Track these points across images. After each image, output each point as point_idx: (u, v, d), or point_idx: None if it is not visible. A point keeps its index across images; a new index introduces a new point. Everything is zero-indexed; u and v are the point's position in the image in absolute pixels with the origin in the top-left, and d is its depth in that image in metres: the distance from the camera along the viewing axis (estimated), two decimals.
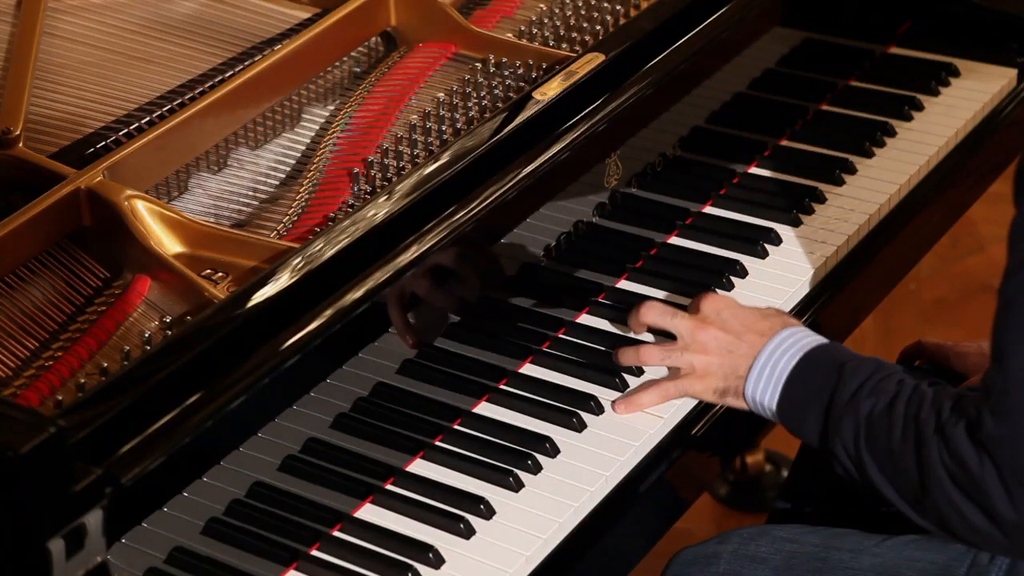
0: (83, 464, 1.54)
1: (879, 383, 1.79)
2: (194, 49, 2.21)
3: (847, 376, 1.81)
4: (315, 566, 1.76)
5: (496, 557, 1.77)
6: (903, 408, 1.75)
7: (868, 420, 1.77)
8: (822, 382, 1.83)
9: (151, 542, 1.66)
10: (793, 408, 1.85)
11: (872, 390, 1.79)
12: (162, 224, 1.90)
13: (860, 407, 1.78)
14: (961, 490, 1.69)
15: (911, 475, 1.73)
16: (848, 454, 1.79)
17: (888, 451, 1.75)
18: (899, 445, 1.74)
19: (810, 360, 1.86)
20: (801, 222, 2.24)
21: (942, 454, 1.69)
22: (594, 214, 2.15)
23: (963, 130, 2.42)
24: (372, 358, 1.87)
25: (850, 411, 1.79)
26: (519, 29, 2.29)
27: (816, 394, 1.83)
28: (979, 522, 1.69)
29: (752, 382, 1.88)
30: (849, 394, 1.79)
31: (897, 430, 1.74)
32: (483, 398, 1.96)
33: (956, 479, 1.69)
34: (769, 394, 1.87)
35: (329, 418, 1.85)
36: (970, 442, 1.67)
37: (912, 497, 1.75)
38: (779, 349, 1.87)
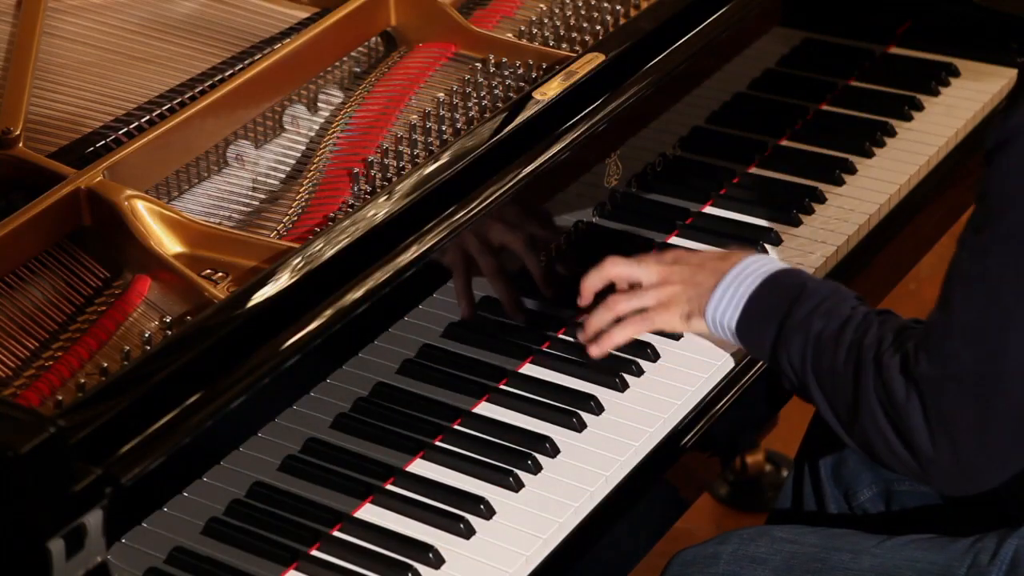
0: (83, 464, 1.54)
1: (834, 305, 1.86)
2: (194, 49, 2.21)
3: (805, 296, 1.87)
4: (315, 566, 1.76)
5: (496, 557, 1.77)
6: (851, 333, 1.81)
7: (817, 339, 1.84)
8: (780, 300, 1.89)
9: (151, 542, 1.66)
10: (750, 324, 1.91)
11: (826, 311, 1.85)
12: (162, 224, 1.90)
13: (812, 326, 1.85)
14: (888, 418, 1.76)
15: (846, 396, 1.80)
16: (794, 369, 1.86)
17: (830, 371, 1.82)
18: (841, 366, 1.81)
19: (772, 281, 1.91)
20: (801, 222, 2.24)
21: (875, 381, 1.76)
22: (594, 214, 2.15)
23: (963, 130, 2.42)
24: (372, 358, 1.87)
25: (802, 328, 1.85)
26: (519, 29, 2.29)
27: (773, 310, 1.89)
28: (900, 451, 1.77)
29: (714, 303, 1.93)
30: (804, 313, 1.86)
31: (841, 352, 1.81)
32: (483, 398, 1.96)
33: (885, 407, 1.76)
34: (730, 313, 1.92)
35: (329, 418, 1.85)
36: (901, 375, 1.74)
37: (845, 417, 1.82)
38: (743, 272, 1.93)
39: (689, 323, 1.97)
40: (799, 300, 1.87)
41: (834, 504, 2.14)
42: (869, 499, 2.11)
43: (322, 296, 1.77)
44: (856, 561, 1.88)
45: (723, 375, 2.01)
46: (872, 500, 2.11)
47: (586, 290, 2.01)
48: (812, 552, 1.91)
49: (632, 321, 1.98)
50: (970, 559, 1.84)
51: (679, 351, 2.02)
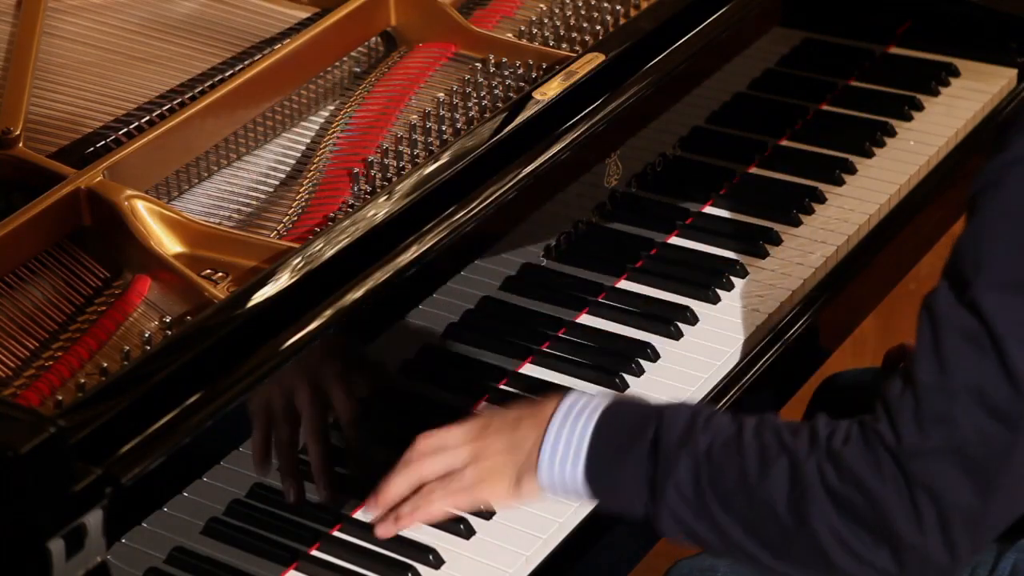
0: (83, 464, 1.53)
1: (709, 419, 1.62)
2: (194, 49, 2.21)
3: (669, 417, 1.63)
4: (315, 566, 1.76)
5: (496, 557, 1.77)
6: (753, 438, 1.59)
7: (708, 456, 1.59)
8: (638, 429, 1.63)
9: (151, 542, 1.66)
10: (606, 466, 1.64)
11: (704, 427, 1.61)
12: (162, 224, 1.89)
13: (697, 443, 1.60)
14: (849, 515, 1.54)
15: (775, 508, 1.56)
16: (685, 498, 1.59)
17: (740, 487, 1.57)
18: (757, 478, 1.57)
19: (614, 413, 1.66)
20: (801, 222, 2.24)
21: (827, 477, 1.54)
22: (594, 214, 2.15)
23: (963, 130, 2.42)
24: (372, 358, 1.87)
25: (684, 450, 1.59)
26: (519, 29, 2.29)
27: (634, 443, 1.62)
28: (869, 552, 1.54)
29: (546, 459, 1.66)
30: (679, 432, 1.61)
31: (751, 461, 1.57)
32: (483, 398, 1.96)
33: (844, 503, 1.54)
34: (571, 462, 1.65)
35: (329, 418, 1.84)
36: (870, 457, 1.53)
37: (775, 535, 1.57)
38: (571, 413, 1.67)
39: (519, 489, 1.69)
40: (665, 422, 1.62)
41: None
42: None
43: (322, 296, 1.77)
44: None
45: (724, 375, 2.01)
46: None
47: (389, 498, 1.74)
48: None
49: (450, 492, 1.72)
50: (967, 573, 1.83)
51: (679, 351, 2.03)
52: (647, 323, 2.06)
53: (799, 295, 2.14)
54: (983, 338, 1.51)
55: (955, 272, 1.55)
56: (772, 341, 2.07)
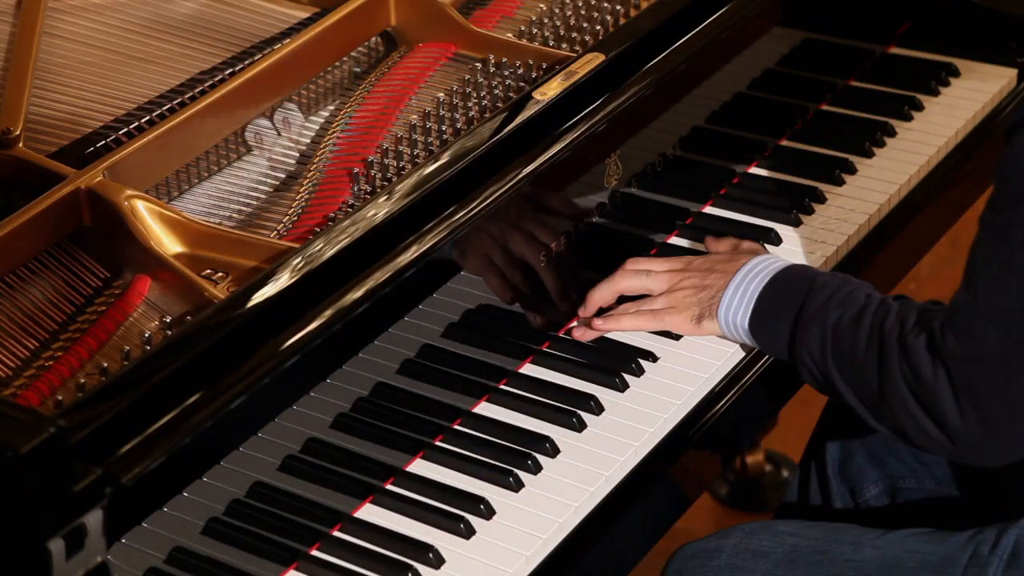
0: (83, 464, 1.54)
1: (848, 295, 1.88)
2: (194, 49, 2.21)
3: (817, 288, 1.90)
4: (315, 566, 1.76)
5: (496, 557, 1.77)
6: (869, 319, 1.84)
7: (835, 328, 1.86)
8: (792, 295, 1.91)
9: (151, 542, 1.66)
10: (764, 321, 1.93)
11: (840, 301, 1.87)
12: (162, 224, 1.90)
13: (828, 316, 1.87)
14: (915, 397, 1.78)
15: (871, 381, 1.82)
16: (814, 360, 1.88)
17: (852, 358, 1.84)
18: (862, 353, 1.83)
19: (780, 278, 1.94)
20: (801, 222, 2.24)
21: (901, 362, 1.79)
22: (594, 214, 2.15)
23: (963, 130, 2.42)
24: (372, 358, 1.87)
25: (818, 320, 1.87)
26: (519, 29, 2.29)
27: (786, 305, 1.91)
28: (930, 428, 1.79)
29: (725, 304, 1.96)
30: (819, 304, 1.88)
31: (862, 339, 1.83)
32: (483, 398, 1.97)
33: (912, 386, 1.78)
34: (742, 312, 1.95)
35: (329, 418, 1.84)
36: (928, 353, 1.77)
37: (871, 402, 1.84)
38: (751, 272, 1.96)
39: (700, 326, 1.99)
40: (811, 293, 1.90)
41: (840, 501, 2.14)
42: (875, 496, 2.12)
43: (322, 296, 1.77)
44: (857, 552, 1.88)
45: (723, 375, 2.01)
46: (877, 497, 2.12)
47: (592, 302, 2.04)
48: (814, 544, 1.91)
49: (642, 313, 2.01)
50: (971, 550, 1.84)
51: (679, 351, 2.03)
52: None
53: None
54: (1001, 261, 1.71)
55: (990, 199, 1.74)
56: None
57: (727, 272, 1.98)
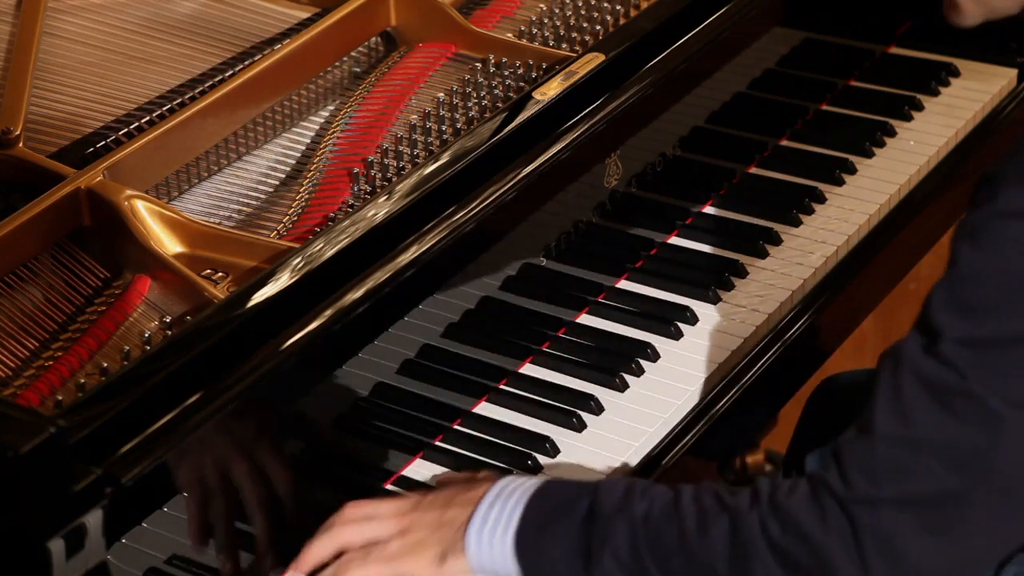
0: (83, 464, 1.53)
1: (646, 489, 1.61)
2: (194, 49, 2.21)
3: (605, 489, 1.62)
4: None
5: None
6: (691, 502, 1.58)
7: (646, 522, 1.58)
8: (572, 501, 1.62)
9: (151, 542, 1.66)
10: (537, 538, 1.61)
11: (643, 495, 1.60)
12: (162, 224, 1.90)
13: (633, 510, 1.59)
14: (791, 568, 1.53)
15: (715, 567, 1.55)
16: (622, 564, 1.58)
17: (680, 548, 1.56)
18: (695, 539, 1.56)
19: (548, 488, 1.65)
20: (801, 222, 2.24)
21: (769, 531, 1.53)
22: (594, 214, 2.15)
23: (963, 130, 2.42)
24: (372, 358, 1.87)
25: (621, 517, 1.59)
26: (519, 29, 2.29)
27: (567, 512, 1.61)
28: None
29: (475, 532, 1.63)
30: (616, 501, 1.60)
31: (690, 522, 1.56)
32: (483, 398, 1.96)
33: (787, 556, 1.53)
34: (499, 535, 1.62)
35: (329, 418, 1.84)
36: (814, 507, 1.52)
37: None
38: (504, 491, 1.66)
39: (444, 566, 1.64)
40: (600, 493, 1.61)
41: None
42: None
43: (322, 296, 1.77)
44: None
45: (724, 375, 2.01)
46: None
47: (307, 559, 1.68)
48: None
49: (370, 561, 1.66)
50: None
51: (679, 351, 2.03)
52: (647, 323, 2.06)
53: (799, 295, 2.14)
54: (954, 391, 1.50)
55: (926, 323, 1.54)
56: (772, 341, 2.07)
57: (469, 501, 1.65)
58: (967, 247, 1.53)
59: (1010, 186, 1.51)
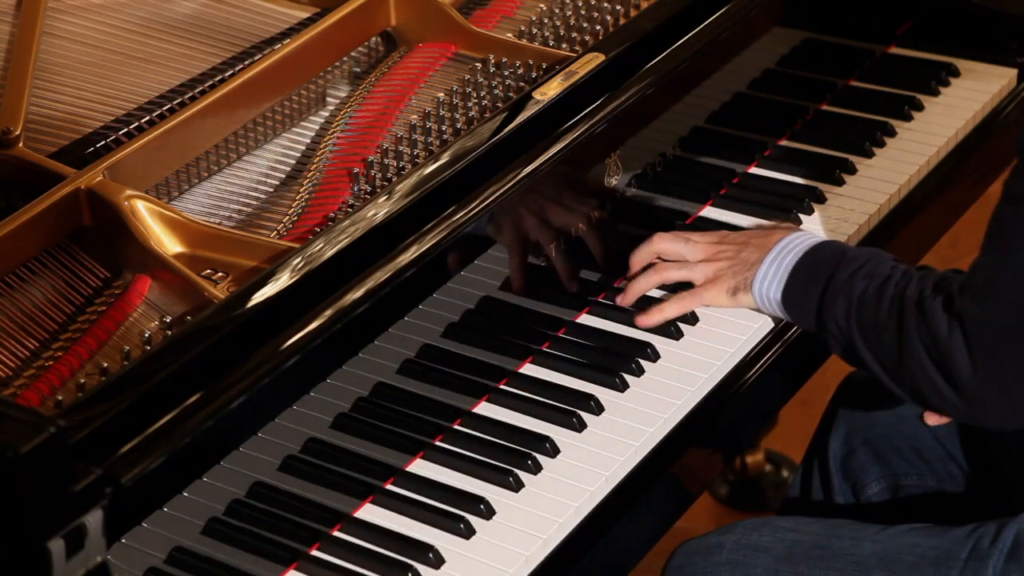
0: (83, 464, 1.54)
1: (874, 267, 1.92)
2: (194, 49, 2.21)
3: (846, 261, 1.94)
4: (315, 566, 1.76)
5: (496, 557, 1.77)
6: (892, 288, 1.88)
7: (860, 298, 1.90)
8: (822, 268, 1.95)
9: (151, 542, 1.66)
10: (794, 293, 1.97)
11: (867, 273, 1.92)
12: (162, 224, 1.90)
13: (854, 286, 1.91)
14: (931, 357, 1.82)
15: (891, 345, 1.86)
16: (840, 329, 1.91)
17: (874, 325, 1.88)
18: (884, 320, 1.87)
19: (813, 253, 1.98)
20: (801, 222, 2.24)
21: (918, 324, 1.83)
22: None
23: (963, 130, 2.42)
24: (372, 358, 1.87)
25: (844, 290, 1.91)
26: (519, 29, 2.29)
27: (815, 278, 1.95)
28: (944, 388, 1.82)
29: (760, 277, 2.00)
30: (846, 275, 1.92)
31: (884, 306, 1.87)
32: (483, 398, 1.96)
33: (928, 347, 1.82)
34: (775, 286, 1.98)
35: (329, 418, 1.84)
36: (944, 313, 1.80)
37: (892, 368, 1.87)
38: (787, 247, 1.99)
39: (736, 298, 2.02)
40: (840, 266, 1.94)
41: (841, 497, 2.15)
42: (876, 492, 2.12)
43: (322, 296, 1.77)
44: (858, 547, 1.88)
45: (723, 375, 2.01)
46: (879, 493, 2.12)
47: (635, 263, 2.07)
48: (814, 540, 1.91)
49: (681, 297, 2.03)
50: (971, 543, 1.85)
51: (679, 351, 2.03)
52: None
53: None
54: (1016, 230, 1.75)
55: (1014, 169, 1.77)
56: (773, 340, 2.07)
57: (763, 247, 2.01)
58: None
59: None
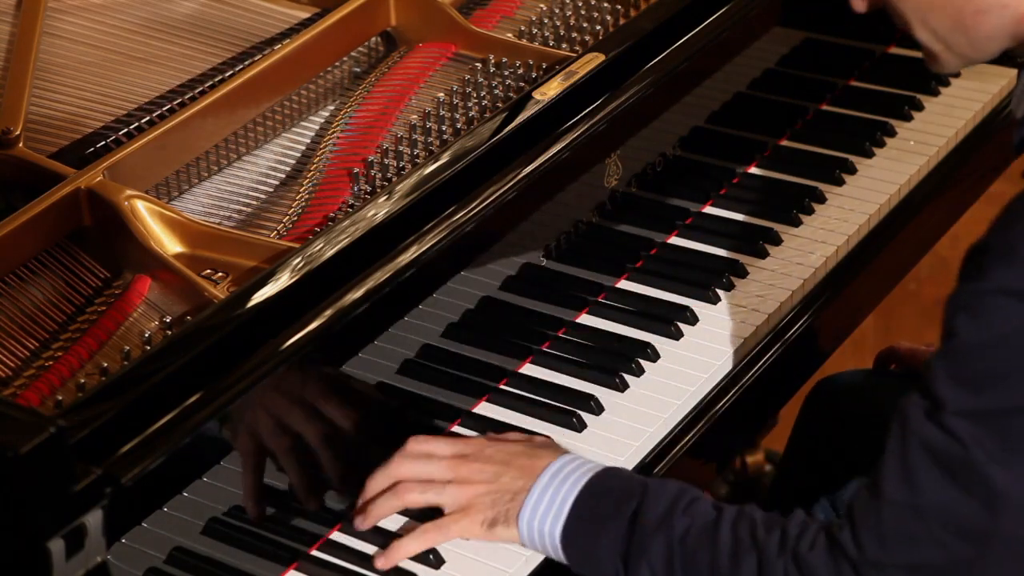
0: (83, 464, 1.54)
1: (691, 503, 1.67)
2: (194, 49, 2.21)
3: (652, 495, 1.68)
4: (315, 566, 1.76)
5: (497, 557, 1.77)
6: (729, 530, 1.64)
7: (683, 541, 1.64)
8: (621, 502, 1.68)
9: (151, 542, 1.66)
10: (584, 532, 1.68)
11: (685, 510, 1.66)
12: (162, 224, 1.90)
13: (673, 527, 1.65)
14: None
15: None
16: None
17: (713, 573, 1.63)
18: (727, 567, 1.62)
19: (602, 481, 1.71)
20: (801, 222, 2.24)
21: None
22: (594, 214, 2.15)
23: (963, 130, 2.42)
24: (372, 358, 1.87)
25: (662, 531, 1.65)
26: (519, 29, 2.29)
27: (614, 514, 1.67)
28: None
29: (529, 509, 1.70)
30: (659, 513, 1.66)
31: (724, 552, 1.63)
32: (483, 398, 1.97)
33: None
34: (551, 519, 1.70)
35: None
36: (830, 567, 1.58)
37: None
38: (561, 473, 1.72)
39: (492, 531, 1.73)
40: (647, 499, 1.67)
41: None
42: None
43: (322, 296, 1.77)
44: None
45: (723, 375, 2.01)
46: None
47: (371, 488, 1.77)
48: None
49: (424, 530, 1.74)
50: None
51: (679, 351, 2.03)
52: (647, 323, 2.06)
53: (799, 295, 2.14)
54: (956, 462, 1.52)
55: (928, 391, 1.55)
56: (772, 341, 2.07)
57: (529, 471, 1.72)
58: (964, 320, 1.54)
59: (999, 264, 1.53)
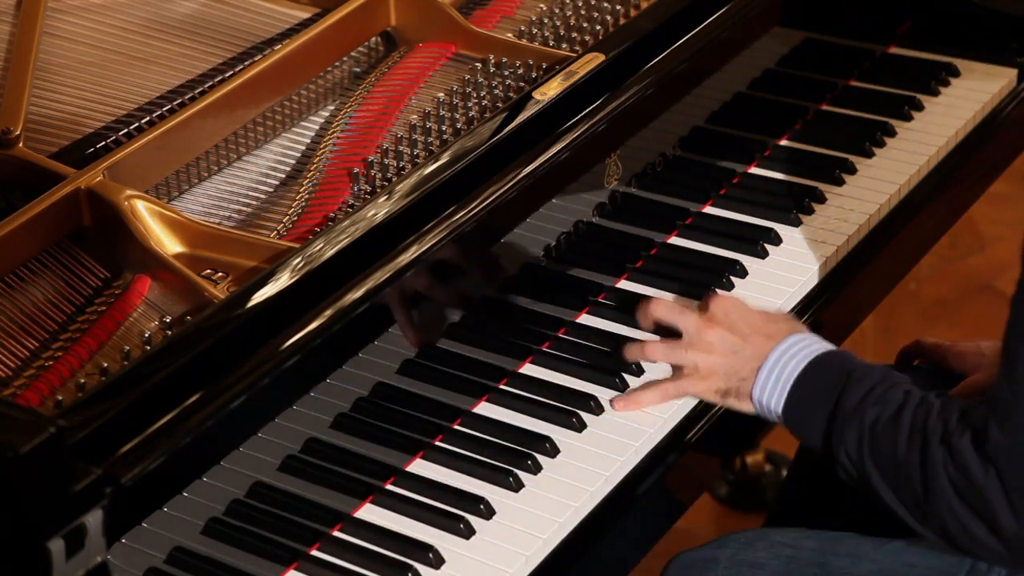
0: (83, 464, 1.54)
1: (886, 392, 1.79)
2: (194, 49, 2.22)
3: (854, 383, 1.81)
4: (315, 566, 1.76)
5: (496, 557, 1.77)
6: (909, 417, 1.75)
7: (872, 428, 1.77)
8: (829, 388, 1.83)
9: (151, 542, 1.66)
10: (799, 412, 1.85)
11: (878, 398, 1.79)
12: (162, 224, 1.90)
13: (865, 414, 1.78)
14: (964, 501, 1.69)
15: (915, 483, 1.73)
16: (851, 460, 1.79)
17: (892, 459, 1.75)
18: (904, 454, 1.74)
19: (818, 365, 1.85)
20: (801, 222, 2.24)
21: (947, 464, 1.70)
22: (594, 214, 2.15)
23: (963, 130, 2.42)
24: (372, 358, 1.87)
25: (855, 418, 1.78)
26: (519, 29, 2.29)
27: (822, 399, 1.82)
28: (980, 533, 1.70)
29: (759, 384, 1.87)
30: (855, 401, 1.79)
31: (903, 439, 1.74)
32: (483, 398, 1.97)
33: (960, 489, 1.69)
34: (776, 397, 1.86)
35: (329, 418, 1.85)
36: (975, 452, 1.67)
37: (914, 505, 1.74)
38: (787, 353, 1.87)
39: (724, 400, 1.92)
40: (848, 388, 1.81)
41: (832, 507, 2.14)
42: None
43: (322, 296, 1.77)
44: (855, 566, 1.87)
45: None
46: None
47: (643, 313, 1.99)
48: (810, 556, 1.90)
49: (664, 386, 1.94)
50: (968, 564, 1.83)
51: None
52: None
53: (799, 295, 2.14)
54: None
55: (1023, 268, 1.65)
56: None
57: (761, 352, 1.88)
58: None
59: None
